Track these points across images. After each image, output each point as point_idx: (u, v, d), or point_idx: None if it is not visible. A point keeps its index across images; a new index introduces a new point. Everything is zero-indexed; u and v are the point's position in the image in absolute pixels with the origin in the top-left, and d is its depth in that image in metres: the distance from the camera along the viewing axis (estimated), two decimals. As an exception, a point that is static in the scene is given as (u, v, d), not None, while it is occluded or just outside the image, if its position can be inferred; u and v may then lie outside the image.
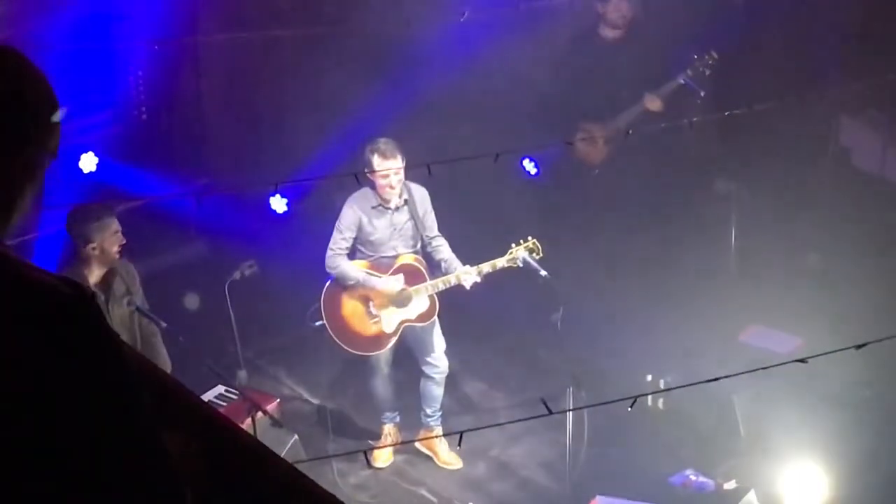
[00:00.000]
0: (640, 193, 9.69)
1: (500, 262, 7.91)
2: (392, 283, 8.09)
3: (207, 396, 7.82)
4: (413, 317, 8.15)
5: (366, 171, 7.83)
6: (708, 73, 9.27)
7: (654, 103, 9.40)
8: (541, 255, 7.88)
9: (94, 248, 7.07)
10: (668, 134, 8.73)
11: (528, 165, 9.93)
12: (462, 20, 7.70)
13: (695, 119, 7.65)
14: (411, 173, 8.00)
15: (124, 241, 7.18)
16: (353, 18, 9.99)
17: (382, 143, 7.91)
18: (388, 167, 7.84)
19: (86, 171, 9.12)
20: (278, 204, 9.30)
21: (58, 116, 2.37)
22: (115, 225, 7.14)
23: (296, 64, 10.61)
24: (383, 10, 10.04)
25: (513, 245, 7.90)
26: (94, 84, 9.58)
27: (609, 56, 9.58)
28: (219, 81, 10.76)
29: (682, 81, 9.32)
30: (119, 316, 7.20)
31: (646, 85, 9.48)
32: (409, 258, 8.14)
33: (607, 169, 9.85)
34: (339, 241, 8.07)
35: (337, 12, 10.14)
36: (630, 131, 9.04)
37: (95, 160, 9.15)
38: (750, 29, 9.87)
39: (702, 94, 9.17)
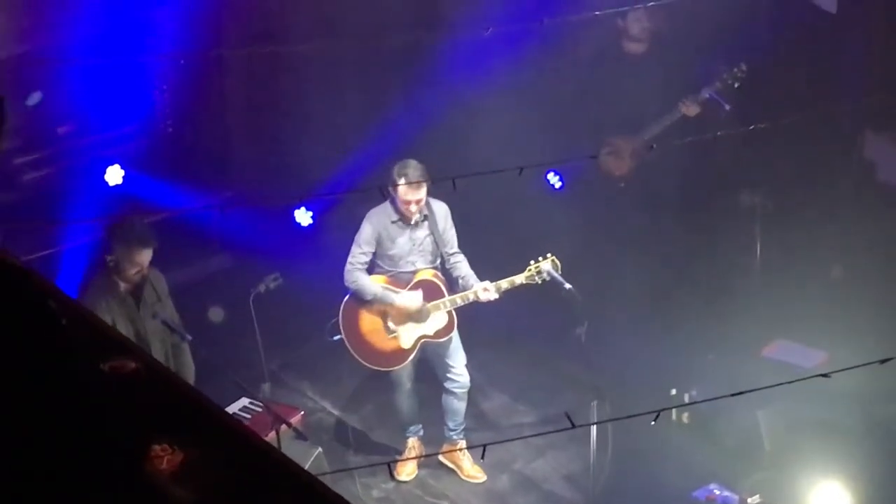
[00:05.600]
0: (664, 207, 9.67)
1: (519, 279, 7.86)
2: (410, 299, 8.06)
3: (232, 409, 7.83)
4: (431, 332, 8.12)
5: (389, 187, 7.79)
6: (737, 86, 9.22)
7: (690, 108, 9.34)
8: (559, 271, 7.84)
9: (136, 273, 7.16)
10: (693, 147, 8.72)
11: (553, 179, 9.93)
12: (486, 35, 7.68)
13: (720, 133, 7.64)
14: (432, 188, 7.98)
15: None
16: (376, 33, 10.01)
17: (412, 168, 7.82)
18: (412, 198, 7.82)
19: (112, 183, 9.20)
20: (303, 217, 9.34)
21: None
22: (156, 245, 7.23)
23: (319, 77, 10.64)
24: (406, 26, 10.07)
25: (531, 262, 7.87)
26: (119, 98, 9.65)
27: (633, 70, 9.55)
28: (243, 95, 10.80)
29: (707, 95, 9.28)
30: (151, 324, 7.25)
31: (671, 98, 9.45)
32: (427, 273, 8.11)
33: (632, 182, 9.83)
34: (358, 255, 8.04)
35: (359, 27, 10.16)
36: (654, 145, 9.04)
37: (121, 173, 9.23)
38: (774, 42, 9.84)
39: (727, 107, 9.13)
